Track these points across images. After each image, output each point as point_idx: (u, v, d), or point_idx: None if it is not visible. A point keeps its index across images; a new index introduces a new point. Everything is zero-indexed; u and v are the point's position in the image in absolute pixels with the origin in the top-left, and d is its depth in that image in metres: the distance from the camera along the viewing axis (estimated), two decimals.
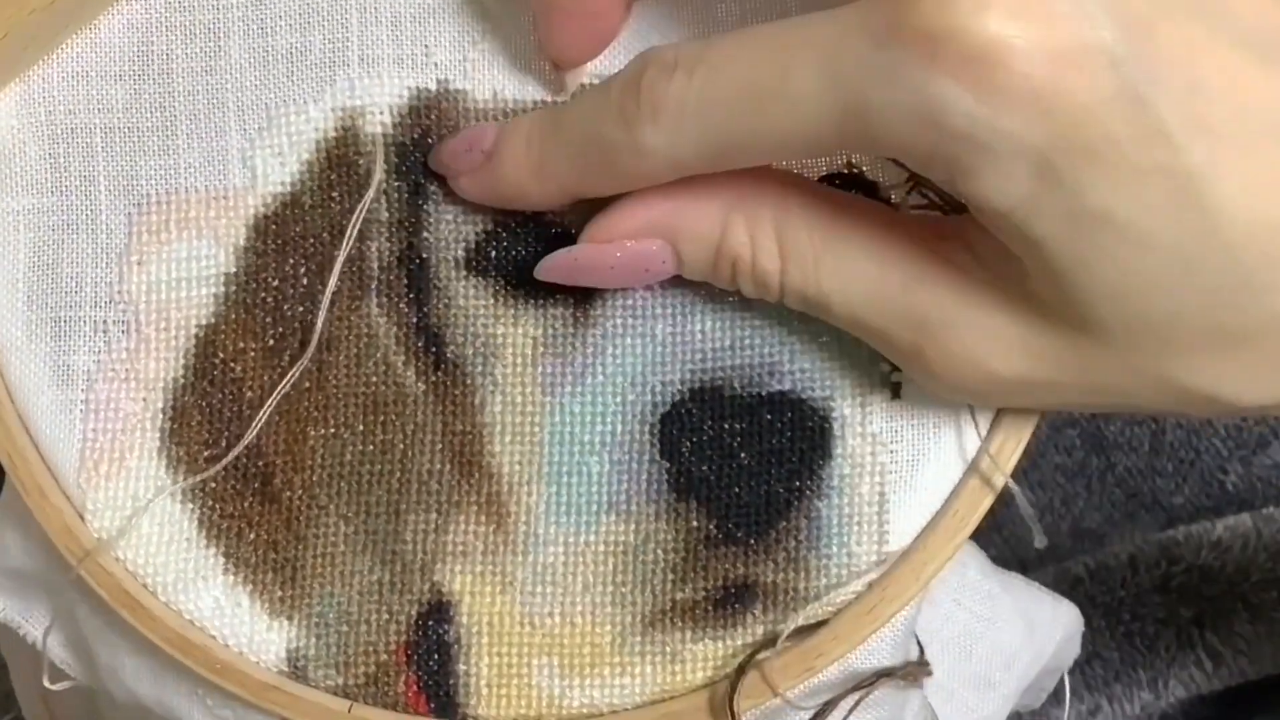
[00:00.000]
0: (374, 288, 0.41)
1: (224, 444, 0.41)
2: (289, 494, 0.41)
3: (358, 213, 0.40)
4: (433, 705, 0.40)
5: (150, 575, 0.41)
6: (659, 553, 0.40)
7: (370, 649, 0.41)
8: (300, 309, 0.41)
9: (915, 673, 0.41)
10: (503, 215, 0.40)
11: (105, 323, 0.41)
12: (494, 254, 0.41)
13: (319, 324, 0.40)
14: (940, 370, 0.36)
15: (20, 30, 0.40)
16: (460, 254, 0.41)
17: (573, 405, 0.41)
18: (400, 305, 0.41)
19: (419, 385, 0.41)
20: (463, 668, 0.41)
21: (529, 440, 0.41)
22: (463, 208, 0.41)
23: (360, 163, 0.40)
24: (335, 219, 0.41)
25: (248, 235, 0.41)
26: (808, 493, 0.40)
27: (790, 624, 0.40)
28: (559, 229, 0.40)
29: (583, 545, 0.40)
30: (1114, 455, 0.64)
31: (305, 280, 0.41)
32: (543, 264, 0.39)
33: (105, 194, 0.41)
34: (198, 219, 0.41)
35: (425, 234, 0.41)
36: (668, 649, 0.40)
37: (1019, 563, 0.61)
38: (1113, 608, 0.61)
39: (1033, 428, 0.40)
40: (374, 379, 0.41)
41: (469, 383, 0.41)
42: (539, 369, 0.41)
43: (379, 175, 0.40)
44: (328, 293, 0.40)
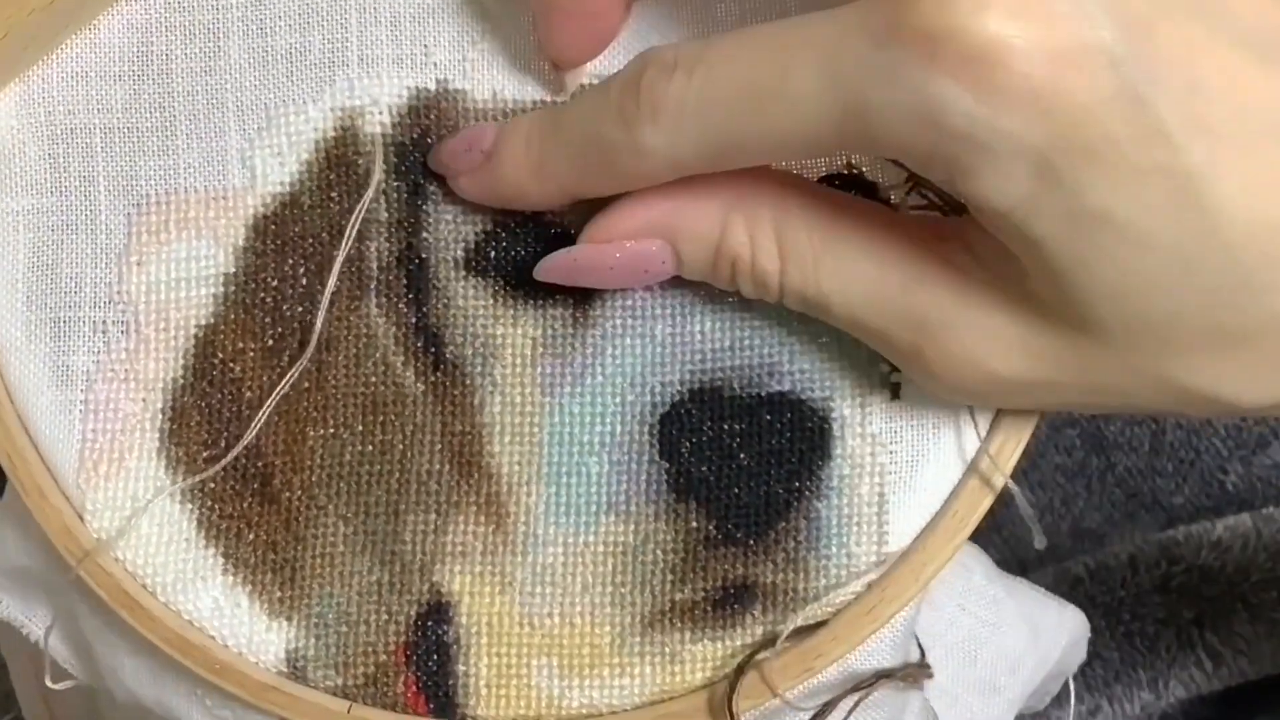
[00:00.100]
0: (373, 288, 0.41)
1: (223, 444, 0.41)
2: (288, 494, 0.41)
3: (357, 212, 0.40)
4: (432, 706, 0.40)
5: (149, 576, 0.41)
6: (658, 553, 0.40)
7: (369, 649, 0.41)
8: (299, 309, 0.41)
9: (915, 674, 0.41)
10: (502, 215, 0.40)
11: (104, 323, 0.41)
12: (493, 254, 0.41)
13: (318, 324, 0.40)
14: (940, 370, 0.36)
15: (20, 30, 0.40)
16: (459, 254, 0.41)
17: (572, 406, 0.41)
18: (399, 305, 0.41)
19: (418, 385, 0.41)
20: (462, 668, 0.41)
21: (528, 441, 0.41)
22: (462, 208, 0.41)
23: (359, 163, 0.40)
24: (334, 219, 0.41)
25: (247, 235, 0.41)
26: (807, 493, 0.40)
27: (789, 624, 0.40)
28: (559, 229, 0.40)
29: (582, 546, 0.40)
30: (1114, 455, 0.63)
31: (304, 280, 0.41)
32: (542, 264, 0.39)
33: (105, 194, 0.41)
34: (197, 219, 0.41)
35: (425, 234, 0.41)
36: (667, 649, 0.40)
37: (1019, 563, 0.61)
38: (1113, 608, 0.61)
39: (1032, 428, 0.40)
40: (373, 379, 0.41)
41: (468, 383, 0.41)
42: (538, 369, 0.41)
43: (378, 175, 0.40)
44: (327, 293, 0.40)
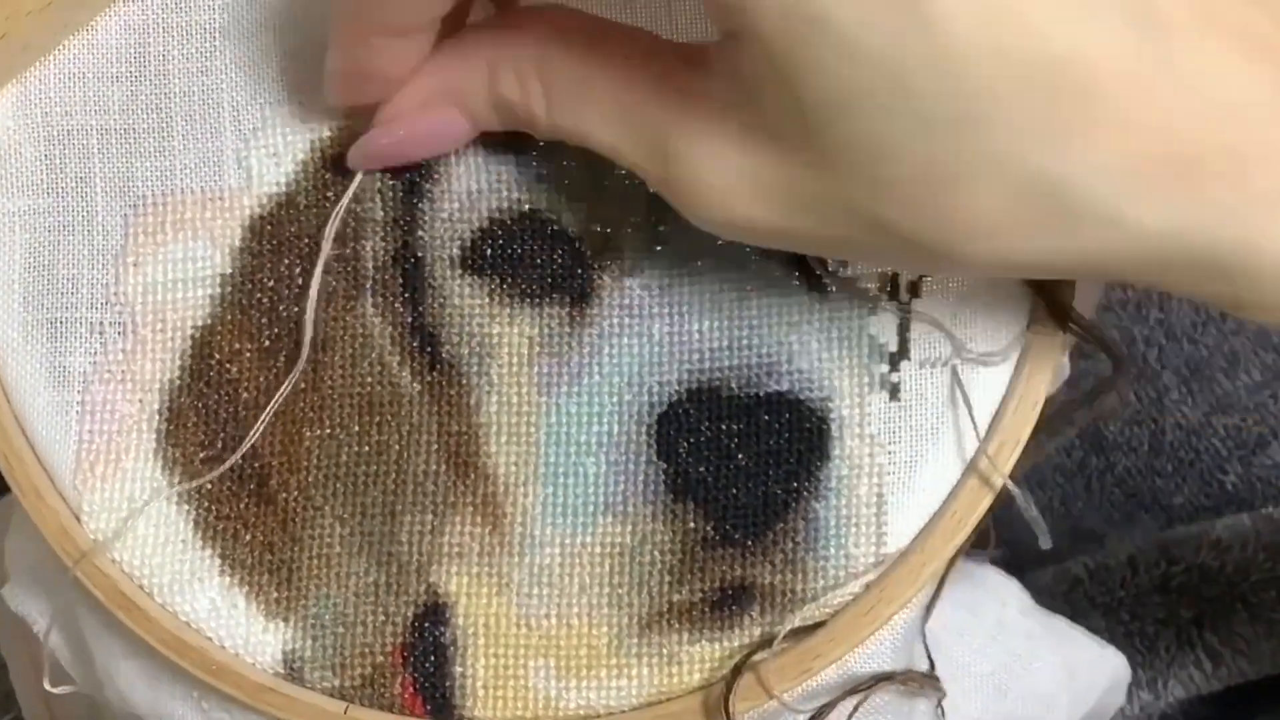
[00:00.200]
0: (369, 287, 0.41)
1: (220, 446, 0.41)
2: (285, 495, 0.41)
3: (338, 209, 0.40)
4: (429, 707, 0.40)
5: (146, 577, 0.41)
6: (656, 554, 0.40)
7: (366, 650, 0.40)
8: (295, 309, 0.41)
9: (919, 680, 0.41)
10: (498, 213, 0.40)
11: (101, 324, 0.41)
12: (489, 252, 0.40)
13: (308, 324, 0.40)
14: (687, 204, 0.36)
15: (17, 32, 0.40)
16: (455, 252, 0.41)
17: (569, 405, 0.40)
18: (395, 305, 0.41)
19: (414, 385, 0.41)
20: (459, 669, 0.40)
21: (525, 441, 0.40)
22: (458, 206, 0.41)
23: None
24: (330, 219, 0.41)
25: (243, 236, 0.41)
26: (805, 494, 0.40)
27: (787, 626, 0.40)
28: (555, 227, 0.40)
29: (579, 546, 0.40)
30: (1114, 455, 0.63)
31: (300, 280, 0.41)
32: (350, 154, 0.40)
33: (101, 195, 0.41)
34: (193, 220, 0.41)
35: (420, 232, 0.41)
36: (664, 650, 0.40)
37: (1018, 564, 0.61)
38: (1112, 608, 0.61)
39: (1031, 428, 0.40)
40: (369, 379, 0.41)
41: (464, 383, 0.41)
42: (535, 369, 0.40)
43: (362, 173, 0.40)
44: (313, 292, 0.40)
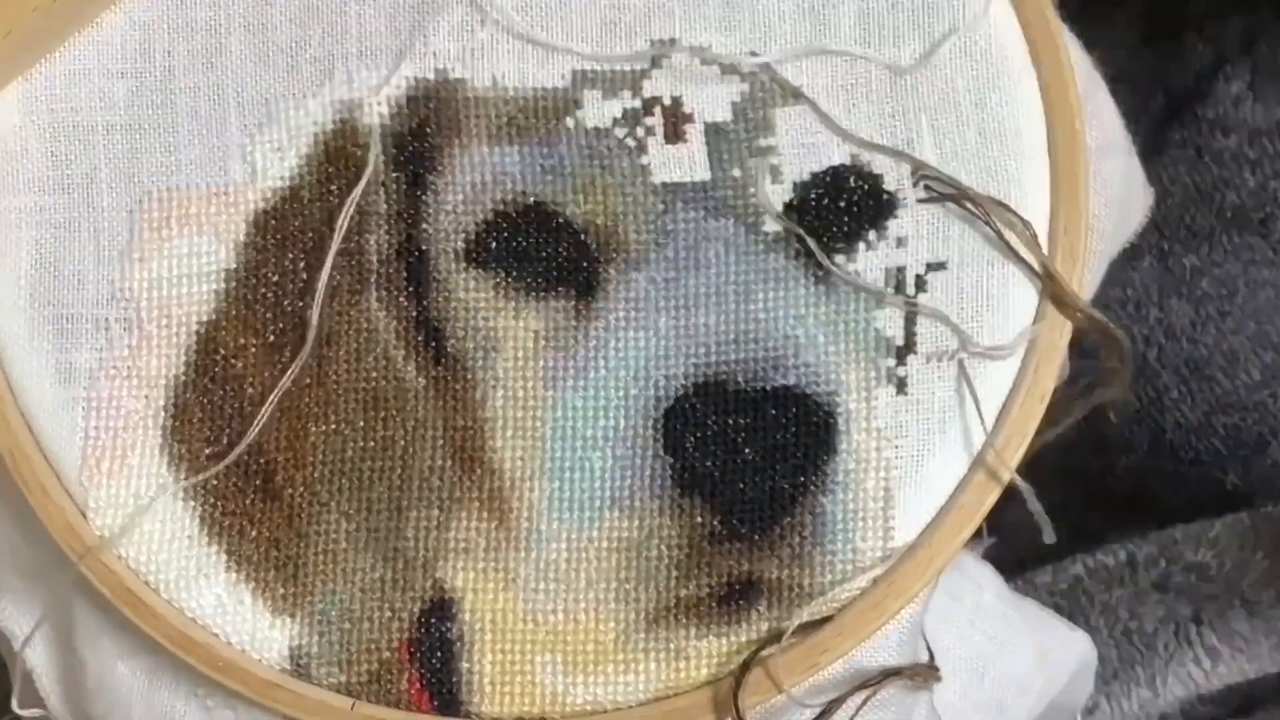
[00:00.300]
0: (373, 281, 0.41)
1: (225, 441, 0.41)
2: (290, 491, 0.41)
3: (348, 204, 0.40)
4: (436, 703, 0.40)
5: (152, 573, 0.40)
6: (662, 549, 0.40)
7: (373, 646, 0.40)
8: (300, 304, 0.41)
9: (924, 674, 0.41)
10: (503, 205, 0.40)
11: (107, 320, 0.41)
12: (494, 245, 0.40)
13: (314, 319, 0.40)
14: None
15: (23, 29, 0.40)
16: (460, 245, 0.41)
17: (575, 400, 0.40)
18: (400, 299, 0.41)
19: (419, 380, 0.41)
20: (466, 665, 0.40)
21: (531, 435, 0.40)
22: (462, 198, 0.40)
23: (358, 155, 0.40)
24: (334, 212, 0.41)
25: (248, 231, 0.41)
26: (812, 488, 0.40)
27: (795, 620, 0.39)
28: (560, 219, 0.40)
29: (585, 541, 0.40)
30: (1113, 455, 0.63)
31: (305, 275, 0.41)
32: None
33: (107, 191, 0.41)
34: (198, 215, 0.41)
35: (424, 225, 0.41)
36: (672, 645, 0.40)
37: (1018, 562, 0.61)
38: (1111, 606, 0.61)
39: (1037, 423, 0.40)
40: (374, 374, 0.41)
41: (470, 377, 0.41)
42: (540, 363, 0.40)
43: (372, 165, 0.40)
44: (321, 285, 0.40)
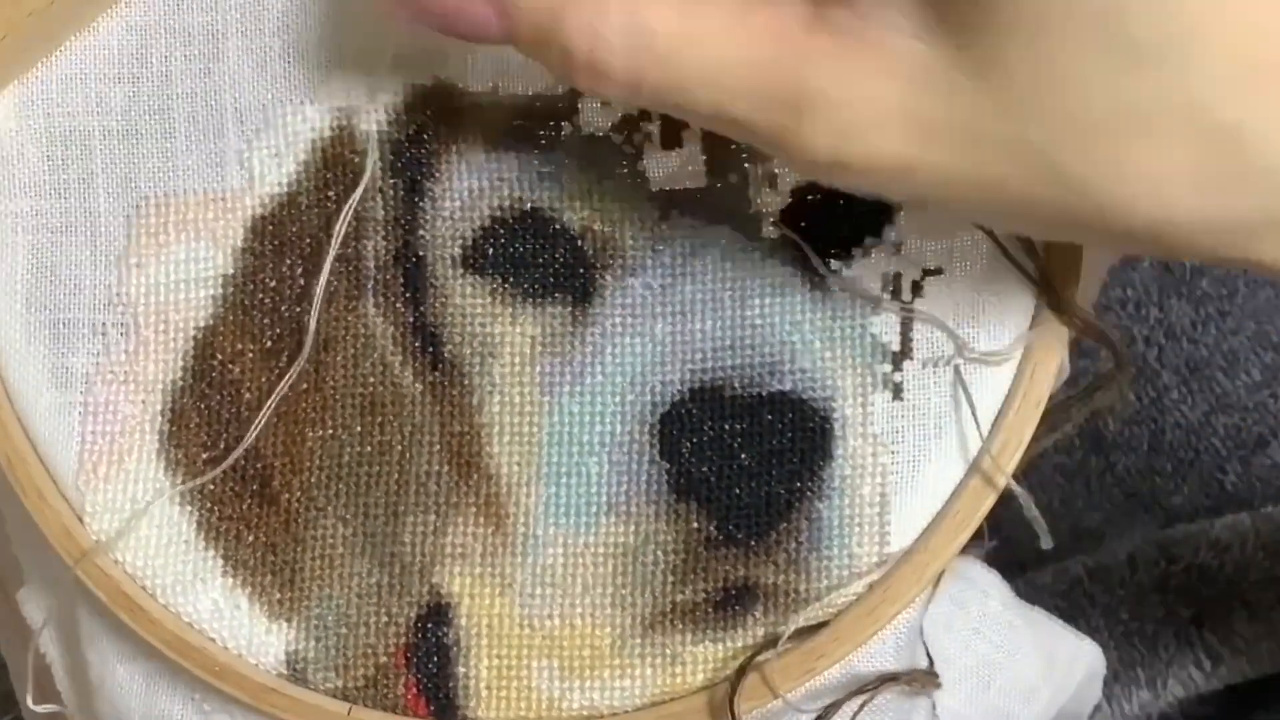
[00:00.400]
0: (370, 287, 0.41)
1: (222, 446, 0.41)
2: (287, 496, 0.41)
3: (346, 210, 0.40)
4: (432, 708, 0.40)
5: (149, 578, 0.41)
6: (659, 554, 0.40)
7: (369, 651, 0.40)
8: (297, 309, 0.41)
9: (922, 680, 0.41)
10: (500, 212, 0.40)
11: (104, 325, 0.41)
12: (491, 251, 0.40)
13: (312, 324, 0.40)
14: (814, 149, 0.32)
15: (19, 32, 0.40)
16: (457, 252, 0.41)
17: (571, 405, 0.40)
18: (397, 305, 0.41)
19: (416, 385, 0.41)
20: (462, 670, 0.40)
21: (527, 441, 0.40)
22: (460, 205, 0.41)
23: (356, 161, 0.40)
24: (331, 218, 0.41)
25: (245, 236, 0.41)
26: (809, 494, 0.40)
27: (791, 625, 0.40)
28: (557, 225, 0.40)
29: (582, 547, 0.40)
30: (1113, 455, 0.63)
31: (302, 281, 0.41)
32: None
33: (104, 196, 0.41)
34: (196, 221, 0.41)
35: (421, 232, 0.41)
36: (668, 651, 0.40)
37: (1018, 564, 0.61)
38: (1111, 607, 0.61)
39: (1034, 428, 0.40)
40: (371, 379, 0.41)
41: (467, 383, 0.41)
42: (537, 368, 0.40)
43: (370, 172, 0.40)
44: (319, 291, 0.40)
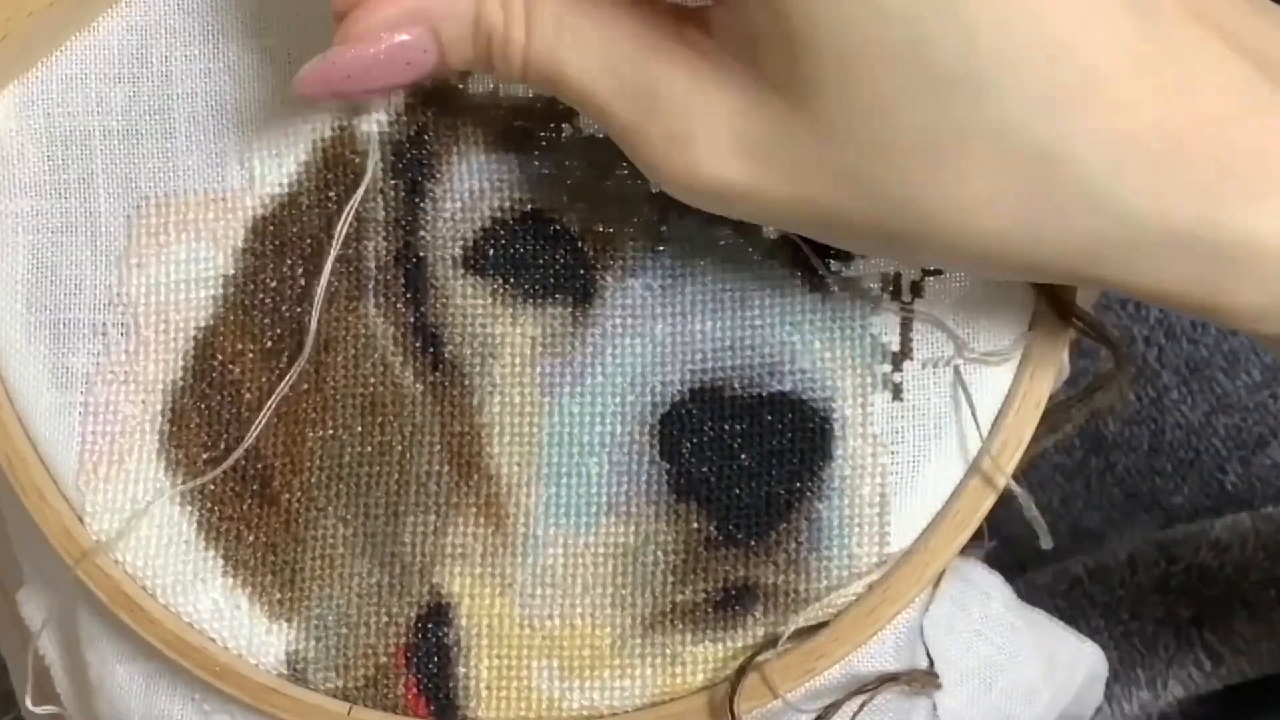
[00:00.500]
0: (371, 288, 0.41)
1: (223, 446, 0.41)
2: (288, 496, 0.41)
3: (348, 210, 0.40)
4: (432, 708, 0.40)
5: (149, 578, 0.41)
6: (659, 554, 0.40)
7: (370, 651, 0.40)
8: (298, 310, 0.41)
9: (922, 680, 0.41)
10: (501, 213, 0.40)
11: (104, 325, 0.41)
12: (492, 252, 0.40)
13: (313, 324, 0.40)
14: (657, 157, 0.35)
15: (19, 32, 0.40)
16: (458, 252, 0.41)
17: (571, 406, 0.40)
18: (398, 305, 0.41)
19: (417, 386, 0.41)
20: (462, 670, 0.40)
21: (528, 441, 0.40)
22: (461, 206, 0.41)
23: (356, 161, 0.40)
24: (332, 219, 0.41)
25: (246, 237, 0.41)
26: (808, 494, 0.40)
27: (791, 625, 0.40)
28: (558, 226, 0.40)
29: (582, 547, 0.40)
30: (1113, 455, 0.63)
31: (303, 281, 0.41)
32: (299, 76, 0.36)
33: (104, 196, 0.41)
34: (196, 221, 0.41)
35: (422, 233, 0.41)
36: (668, 651, 0.40)
37: (1018, 564, 0.61)
38: (1111, 607, 0.61)
39: (1033, 429, 0.40)
40: (372, 380, 0.41)
41: (467, 383, 0.41)
42: (537, 369, 0.40)
43: (371, 172, 0.40)
44: (320, 291, 0.40)
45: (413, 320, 0.41)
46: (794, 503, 0.40)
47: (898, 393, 0.40)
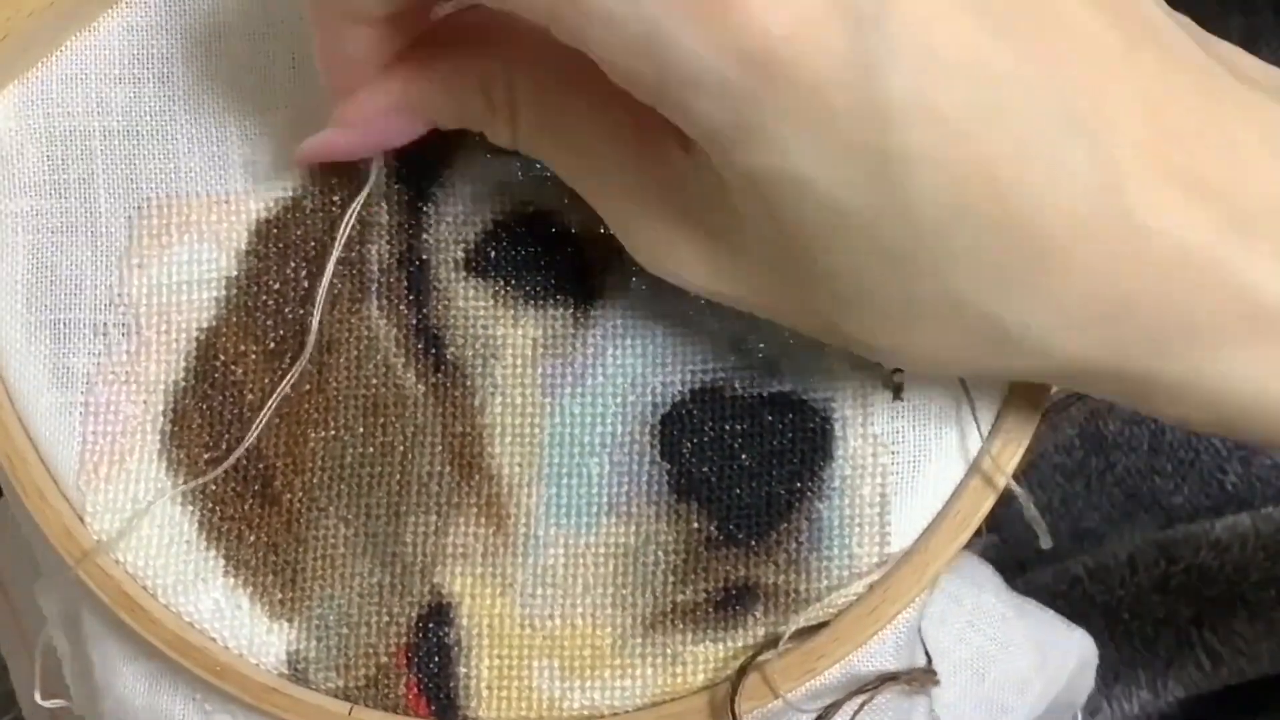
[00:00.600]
0: (374, 290, 0.41)
1: (224, 447, 0.41)
2: (289, 496, 0.41)
3: (350, 212, 0.40)
4: (433, 707, 0.40)
5: (150, 577, 0.41)
6: (659, 554, 0.40)
7: (370, 651, 0.41)
8: (301, 312, 0.41)
9: (921, 679, 0.41)
10: (502, 216, 0.40)
11: (105, 325, 0.41)
12: (494, 255, 0.41)
13: (314, 326, 0.40)
14: (639, 256, 0.37)
15: (19, 32, 0.40)
16: (460, 255, 0.41)
17: (573, 406, 0.41)
18: (400, 307, 0.41)
19: (419, 387, 0.41)
20: (463, 670, 0.40)
21: (529, 442, 0.41)
22: (463, 209, 0.41)
23: (360, 166, 0.40)
24: (336, 222, 0.41)
25: (249, 239, 0.41)
26: (809, 494, 0.40)
27: (791, 625, 0.40)
28: (559, 229, 0.40)
29: (583, 547, 0.40)
30: (1113, 455, 0.63)
31: (306, 283, 0.41)
32: (300, 151, 0.39)
33: (105, 197, 0.41)
34: (199, 222, 0.41)
35: (425, 235, 0.41)
36: (668, 651, 0.40)
37: (1017, 564, 0.61)
38: (1111, 607, 0.61)
39: (1034, 428, 0.40)
40: (374, 381, 0.41)
41: (469, 384, 0.41)
42: (539, 370, 0.41)
43: (374, 177, 0.40)
44: (321, 293, 0.40)
45: (415, 322, 0.41)
46: (794, 503, 0.40)
47: (898, 393, 0.40)
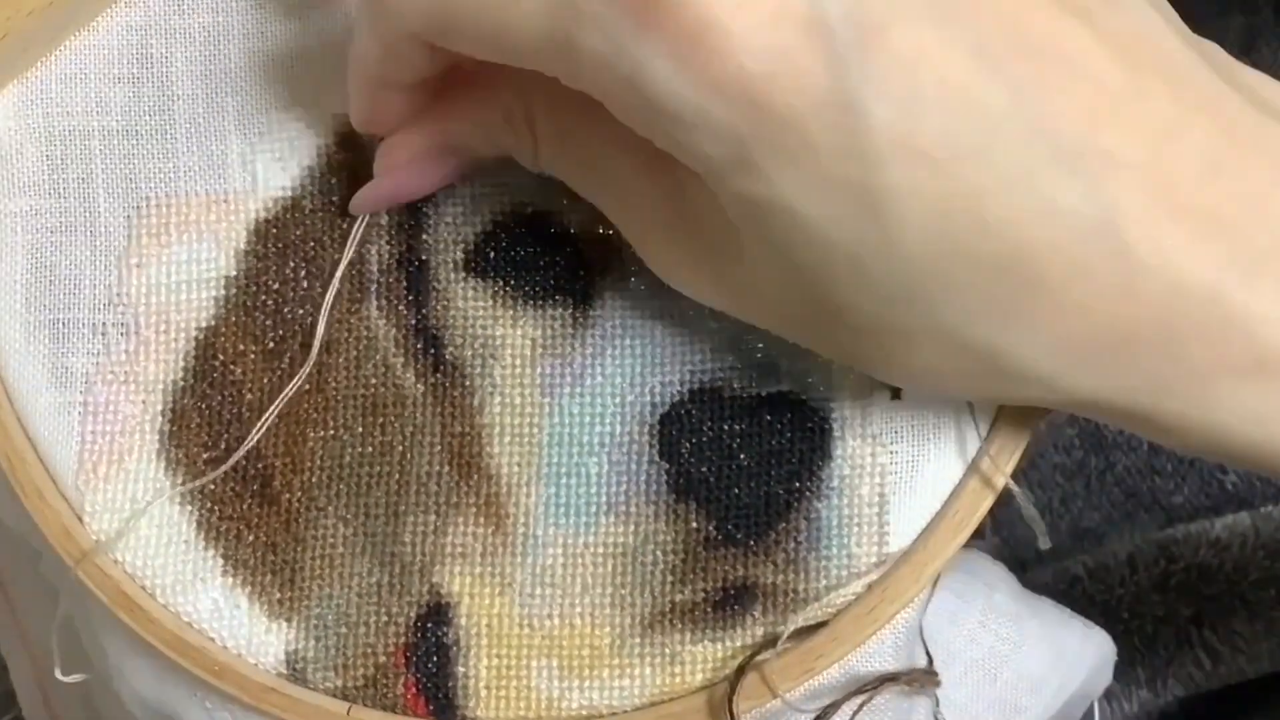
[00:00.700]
0: (373, 290, 0.41)
1: (223, 447, 0.41)
2: (288, 496, 0.41)
3: (359, 223, 0.40)
4: (432, 707, 0.40)
5: (149, 577, 0.41)
6: (658, 554, 0.40)
7: (369, 651, 0.41)
8: (300, 312, 0.41)
9: (921, 679, 0.41)
10: (501, 216, 0.40)
11: (104, 325, 0.41)
12: (493, 255, 0.41)
13: (320, 329, 0.40)
14: (657, 271, 0.38)
15: (18, 32, 0.40)
16: (459, 256, 0.41)
17: (571, 406, 0.41)
18: (399, 307, 0.41)
19: (418, 387, 0.41)
20: (461, 669, 0.40)
21: (528, 441, 0.41)
22: (462, 209, 0.41)
23: (360, 166, 0.40)
24: (336, 222, 0.41)
25: (248, 239, 0.41)
26: (807, 494, 0.40)
27: (790, 625, 0.40)
28: (558, 229, 0.40)
29: (581, 547, 0.40)
30: (1113, 455, 0.63)
31: (305, 283, 0.41)
32: (356, 201, 0.40)
33: (104, 196, 0.41)
34: (198, 222, 0.41)
35: (424, 236, 0.41)
36: (667, 650, 0.40)
37: (1018, 563, 0.61)
38: (1111, 607, 0.61)
39: (1033, 430, 0.40)
40: (373, 381, 0.41)
41: (468, 384, 0.41)
42: (538, 370, 0.41)
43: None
44: (328, 299, 0.40)
45: (414, 322, 0.41)
46: (793, 502, 0.40)
47: (897, 392, 0.40)
